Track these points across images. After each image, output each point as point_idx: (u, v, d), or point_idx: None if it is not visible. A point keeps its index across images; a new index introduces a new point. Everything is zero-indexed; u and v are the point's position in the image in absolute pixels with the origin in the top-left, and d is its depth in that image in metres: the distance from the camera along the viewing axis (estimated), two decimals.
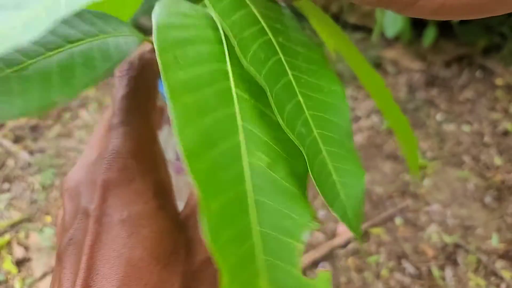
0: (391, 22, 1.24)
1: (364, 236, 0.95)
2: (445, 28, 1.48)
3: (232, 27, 0.13)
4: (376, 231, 0.95)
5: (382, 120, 1.25)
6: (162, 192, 0.16)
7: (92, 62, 0.14)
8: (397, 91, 1.35)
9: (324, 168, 0.14)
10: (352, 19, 1.58)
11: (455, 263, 0.88)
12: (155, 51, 0.11)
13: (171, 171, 0.20)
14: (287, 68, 0.15)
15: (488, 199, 1.00)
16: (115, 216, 0.14)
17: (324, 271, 0.11)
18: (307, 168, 0.13)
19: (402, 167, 1.11)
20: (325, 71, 0.16)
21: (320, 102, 0.15)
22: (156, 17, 0.12)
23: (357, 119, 1.27)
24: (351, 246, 0.92)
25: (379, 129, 1.23)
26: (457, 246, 0.91)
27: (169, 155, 0.21)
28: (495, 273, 0.86)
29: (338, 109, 0.16)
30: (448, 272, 0.87)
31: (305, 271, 0.88)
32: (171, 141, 0.21)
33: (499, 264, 0.87)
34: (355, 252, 0.92)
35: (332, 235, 0.95)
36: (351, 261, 0.90)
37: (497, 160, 1.10)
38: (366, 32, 1.59)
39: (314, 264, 0.89)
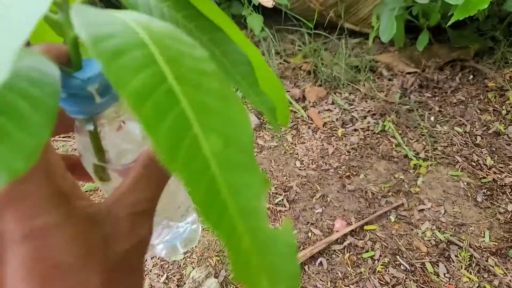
0: (386, 28, 1.26)
1: (360, 233, 0.97)
2: (438, 33, 1.50)
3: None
4: (371, 228, 0.97)
5: (377, 122, 1.27)
6: (65, 198, 0.15)
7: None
8: (392, 94, 1.36)
9: None
10: (349, 25, 1.60)
11: (448, 260, 0.89)
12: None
13: (118, 175, 0.20)
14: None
15: (480, 198, 1.01)
16: (17, 233, 0.14)
17: (286, 219, 0.13)
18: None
19: (397, 167, 1.12)
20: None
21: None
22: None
23: (353, 121, 1.29)
24: (347, 242, 0.94)
25: (374, 130, 1.25)
26: (450, 243, 0.93)
27: (111, 160, 0.20)
28: (487, 270, 0.87)
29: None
30: (442, 268, 0.88)
31: (303, 265, 0.90)
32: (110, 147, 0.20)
33: (492, 261, 0.88)
34: (351, 249, 0.93)
35: (329, 232, 0.96)
36: (347, 257, 0.91)
37: (489, 160, 1.11)
38: (363, 37, 1.61)
39: (312, 259, 0.91)
